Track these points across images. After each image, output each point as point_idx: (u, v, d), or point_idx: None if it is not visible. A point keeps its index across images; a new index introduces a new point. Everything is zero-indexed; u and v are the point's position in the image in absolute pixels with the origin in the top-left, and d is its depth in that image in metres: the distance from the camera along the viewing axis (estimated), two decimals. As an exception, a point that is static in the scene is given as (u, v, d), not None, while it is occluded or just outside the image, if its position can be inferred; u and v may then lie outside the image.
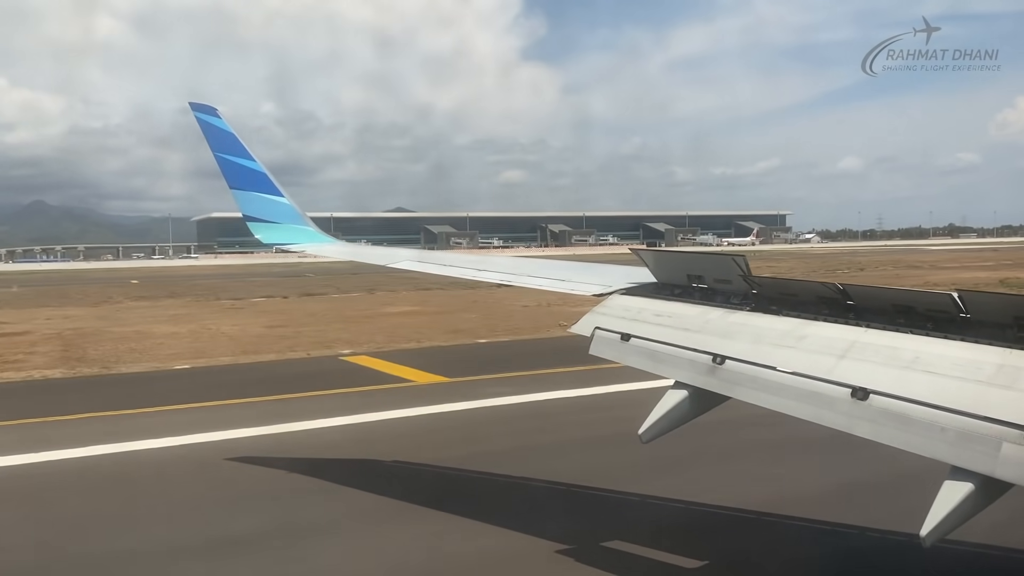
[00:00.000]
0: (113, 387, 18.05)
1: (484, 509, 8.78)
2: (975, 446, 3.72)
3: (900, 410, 4.04)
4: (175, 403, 14.89)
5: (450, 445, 11.77)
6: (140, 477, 10.58)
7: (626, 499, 9.06)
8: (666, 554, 7.40)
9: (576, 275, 7.17)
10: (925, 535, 3.74)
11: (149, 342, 24.84)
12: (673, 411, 5.16)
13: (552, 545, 7.55)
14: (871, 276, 54.65)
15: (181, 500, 9.53)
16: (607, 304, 6.18)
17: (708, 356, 5.07)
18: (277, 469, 10.45)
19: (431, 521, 8.41)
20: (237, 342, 24.33)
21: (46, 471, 10.75)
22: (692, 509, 8.63)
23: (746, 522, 8.30)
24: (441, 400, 14.49)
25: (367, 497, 9.40)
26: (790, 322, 5.05)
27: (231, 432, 12.32)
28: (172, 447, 11.76)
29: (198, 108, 9.05)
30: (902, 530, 6.94)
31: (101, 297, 46.70)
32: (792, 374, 4.60)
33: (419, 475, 10.35)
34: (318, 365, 20.13)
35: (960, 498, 3.73)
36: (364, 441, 12.22)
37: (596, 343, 5.87)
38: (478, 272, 8.11)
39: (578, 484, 9.42)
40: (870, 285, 4.99)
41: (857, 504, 8.61)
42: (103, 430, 12.82)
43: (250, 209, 9.13)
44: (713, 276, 5.73)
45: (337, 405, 14.36)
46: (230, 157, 9.00)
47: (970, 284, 36.68)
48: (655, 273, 6.19)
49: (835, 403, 4.30)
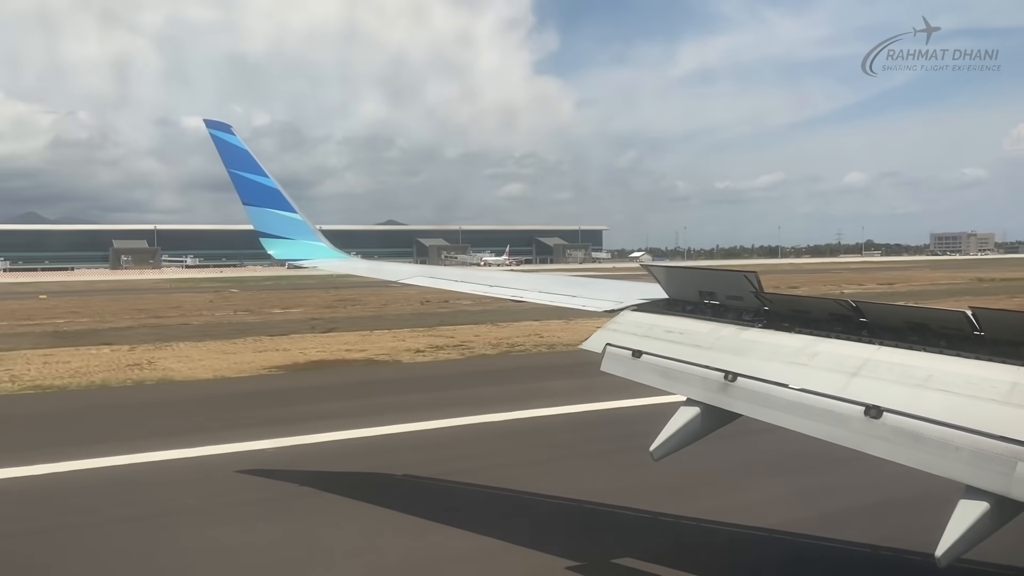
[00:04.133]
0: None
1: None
2: (990, 465, 3.69)
3: (914, 429, 4.01)
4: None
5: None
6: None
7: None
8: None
9: (587, 291, 7.18)
10: (940, 555, 3.71)
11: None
12: (684, 428, 5.15)
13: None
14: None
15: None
16: (618, 320, 6.18)
17: (720, 373, 5.06)
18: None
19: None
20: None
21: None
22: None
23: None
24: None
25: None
26: (802, 339, 5.03)
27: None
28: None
29: (212, 125, 9.15)
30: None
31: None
32: (804, 392, 4.58)
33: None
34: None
35: (975, 518, 3.69)
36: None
37: (607, 360, 5.86)
38: (489, 288, 8.14)
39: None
40: (883, 302, 4.97)
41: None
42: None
43: (263, 225, 9.20)
44: (725, 292, 5.72)
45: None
46: (244, 173, 9.09)
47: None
48: (666, 289, 6.19)
49: (848, 421, 4.28)
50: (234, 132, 9.22)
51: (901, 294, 52.09)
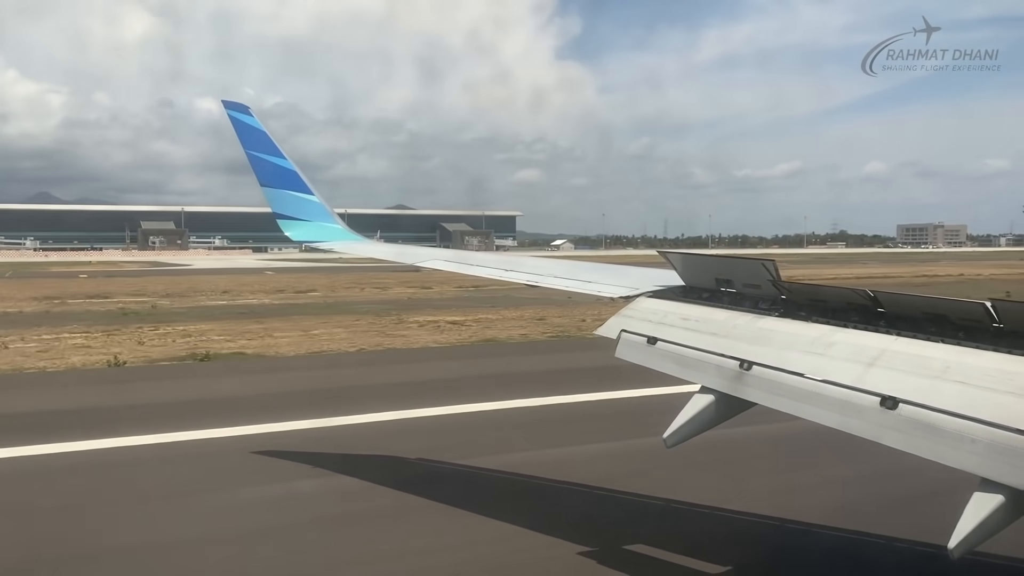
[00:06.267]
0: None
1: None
2: (1006, 458, 3.66)
3: (930, 420, 3.99)
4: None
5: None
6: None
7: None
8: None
9: (603, 277, 7.16)
10: (953, 547, 3.69)
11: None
12: (699, 416, 5.15)
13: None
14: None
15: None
16: (634, 307, 6.17)
17: (735, 361, 5.04)
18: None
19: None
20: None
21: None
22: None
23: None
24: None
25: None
26: (819, 328, 5.00)
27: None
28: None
29: (231, 106, 9.14)
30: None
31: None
32: (820, 381, 4.55)
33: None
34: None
35: (990, 511, 3.67)
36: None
37: (622, 346, 5.86)
38: (506, 273, 8.13)
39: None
40: (902, 292, 4.92)
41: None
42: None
43: (281, 207, 9.22)
44: (742, 280, 5.69)
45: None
46: (262, 155, 9.10)
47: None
48: (683, 276, 6.17)
49: (863, 412, 4.26)
50: (252, 113, 9.21)
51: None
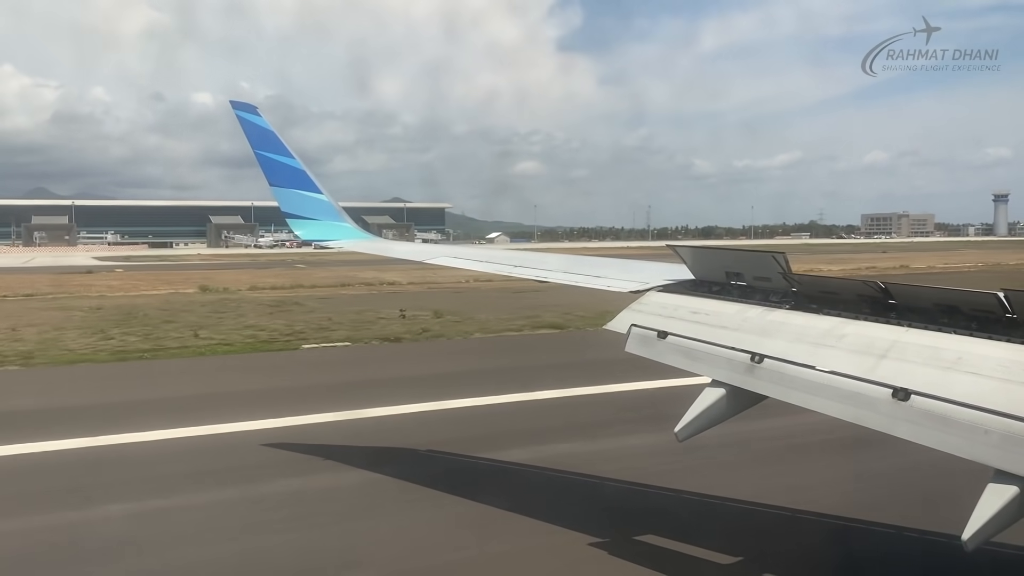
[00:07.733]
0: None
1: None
2: (1021, 449, 3.66)
3: (942, 411, 3.98)
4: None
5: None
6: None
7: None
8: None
9: (613, 272, 7.16)
10: (967, 539, 3.70)
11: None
12: (710, 409, 5.15)
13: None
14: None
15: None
16: (644, 301, 6.17)
17: (746, 355, 5.04)
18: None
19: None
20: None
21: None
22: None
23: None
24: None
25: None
26: (830, 321, 5.00)
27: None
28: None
29: (238, 106, 9.16)
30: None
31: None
32: (832, 374, 4.56)
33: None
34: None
35: (1004, 502, 3.67)
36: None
37: (632, 340, 5.86)
38: (514, 268, 8.13)
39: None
40: (913, 284, 4.91)
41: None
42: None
43: (289, 206, 9.26)
44: (752, 274, 5.68)
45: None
46: (270, 155, 9.13)
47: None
48: (692, 270, 6.17)
49: (875, 404, 4.26)
50: (260, 113, 9.24)
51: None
